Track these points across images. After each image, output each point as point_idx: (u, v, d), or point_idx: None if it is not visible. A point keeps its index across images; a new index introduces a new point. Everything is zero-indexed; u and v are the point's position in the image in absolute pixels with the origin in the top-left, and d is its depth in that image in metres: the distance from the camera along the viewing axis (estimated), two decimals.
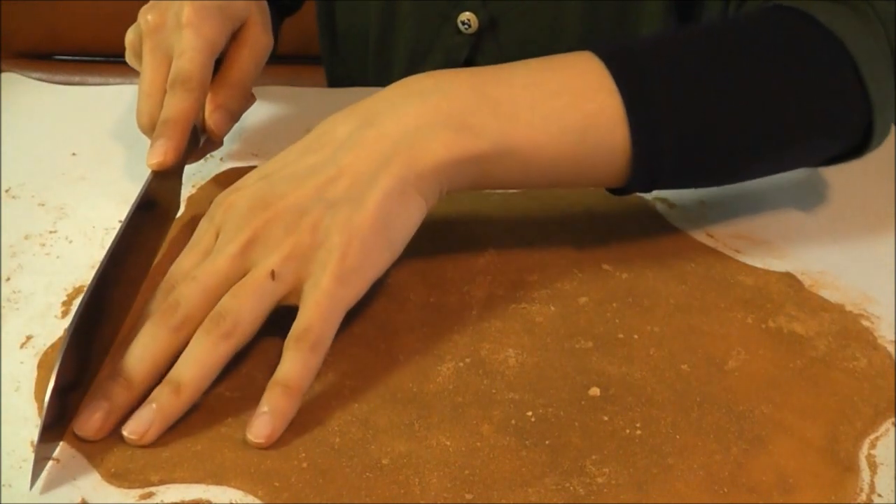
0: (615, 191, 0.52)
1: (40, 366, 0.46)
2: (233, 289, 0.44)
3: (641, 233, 0.56)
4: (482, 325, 0.48)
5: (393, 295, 0.51)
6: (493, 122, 0.47)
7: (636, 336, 0.48)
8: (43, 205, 0.58)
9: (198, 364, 0.42)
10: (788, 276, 0.53)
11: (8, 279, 0.52)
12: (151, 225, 0.51)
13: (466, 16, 0.70)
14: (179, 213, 0.56)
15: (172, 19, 0.56)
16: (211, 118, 0.57)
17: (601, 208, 0.58)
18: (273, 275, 0.44)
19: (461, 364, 0.46)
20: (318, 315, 0.43)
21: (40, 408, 0.43)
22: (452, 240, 0.55)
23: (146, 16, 0.57)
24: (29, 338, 0.48)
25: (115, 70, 1.20)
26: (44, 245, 0.55)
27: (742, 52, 0.51)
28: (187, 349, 0.43)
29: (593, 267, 0.53)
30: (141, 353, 0.43)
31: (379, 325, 0.48)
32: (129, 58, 0.59)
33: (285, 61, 0.87)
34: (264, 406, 0.42)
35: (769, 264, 0.54)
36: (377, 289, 0.51)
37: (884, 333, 0.49)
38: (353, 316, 0.49)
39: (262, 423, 0.41)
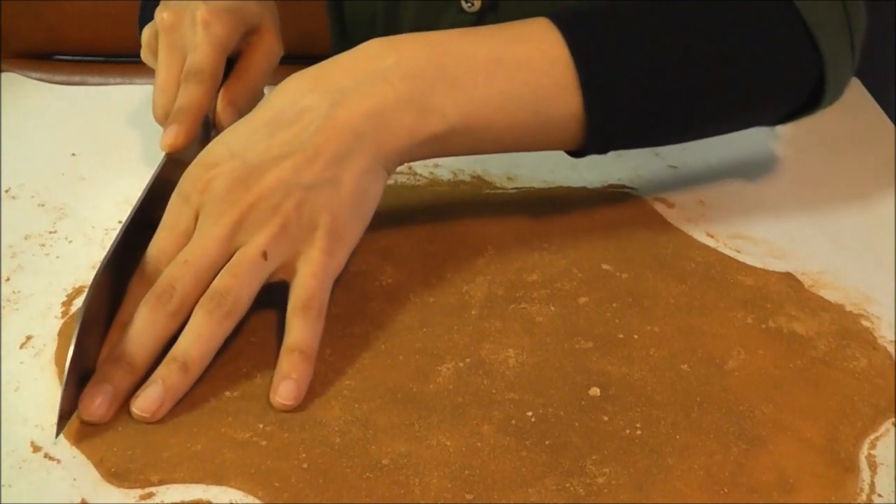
0: (571, 153, 0.55)
1: (60, 334, 0.48)
2: (229, 269, 0.45)
3: (641, 233, 0.56)
4: (482, 325, 0.48)
5: (393, 295, 0.51)
6: (450, 101, 0.49)
7: (636, 336, 0.48)
8: (43, 205, 0.58)
9: (203, 342, 0.44)
10: (788, 276, 0.53)
11: (8, 279, 0.52)
12: (164, 208, 0.52)
13: None
14: None
15: (188, 18, 0.59)
16: (222, 113, 0.59)
17: (601, 208, 0.58)
18: (265, 255, 0.46)
19: (461, 364, 0.46)
20: (317, 284, 0.46)
21: (60, 372, 0.44)
22: (452, 240, 0.55)
23: (162, 14, 0.60)
24: (29, 338, 0.48)
25: (115, 70, 1.20)
26: (43, 245, 0.55)
27: (692, 12, 0.54)
28: (190, 327, 0.44)
29: (593, 267, 0.53)
30: (140, 337, 0.44)
31: (379, 325, 0.48)
32: (145, 55, 0.62)
33: (285, 61, 0.87)
34: (287, 372, 0.44)
35: (769, 264, 0.54)
36: (377, 289, 0.51)
37: (884, 333, 0.49)
38: (353, 316, 0.49)
39: (289, 387, 0.44)
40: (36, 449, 0.41)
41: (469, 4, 0.70)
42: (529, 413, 0.43)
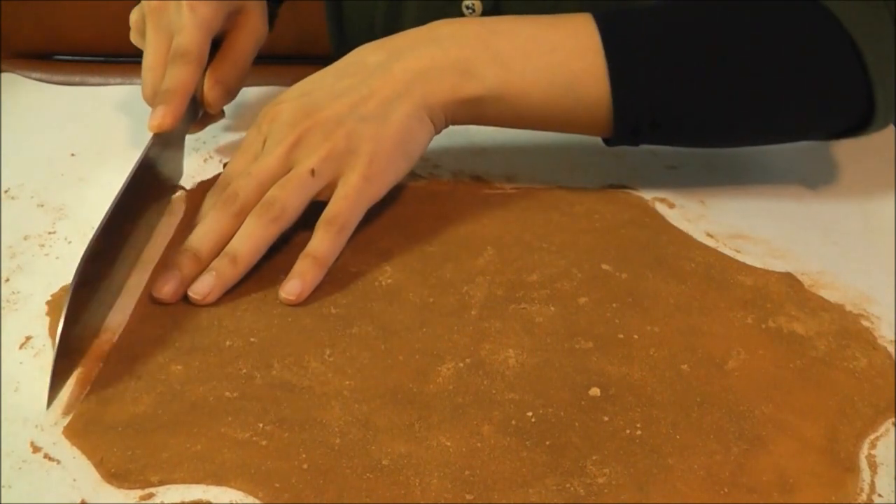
0: (606, 141, 0.59)
1: (50, 306, 0.50)
2: (279, 182, 0.52)
3: (641, 233, 0.56)
4: (482, 325, 0.48)
5: (393, 295, 0.51)
6: (491, 70, 0.55)
7: (636, 336, 0.48)
8: (42, 205, 0.58)
9: (252, 240, 0.51)
10: (788, 276, 0.53)
11: (7, 280, 0.52)
12: (154, 185, 0.56)
13: (471, 0, 0.71)
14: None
15: (173, 1, 0.60)
16: (210, 92, 0.61)
17: (601, 208, 0.58)
18: (313, 172, 0.52)
19: (461, 364, 0.46)
20: (346, 204, 0.52)
21: (53, 342, 0.45)
22: (452, 240, 0.55)
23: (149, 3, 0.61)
24: (28, 338, 0.48)
25: (115, 70, 1.20)
26: (43, 246, 0.55)
27: (730, 19, 0.56)
28: (242, 229, 0.51)
29: (593, 267, 0.53)
30: (206, 232, 0.51)
31: (379, 325, 0.48)
32: (134, 36, 0.64)
33: (286, 61, 0.87)
34: (298, 272, 0.50)
35: (769, 264, 0.54)
36: (377, 289, 0.51)
37: (884, 333, 0.49)
38: (353, 316, 0.49)
39: (294, 284, 0.50)
40: (36, 449, 0.41)
41: (470, 10, 0.70)
42: (529, 413, 0.43)
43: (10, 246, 0.54)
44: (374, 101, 0.54)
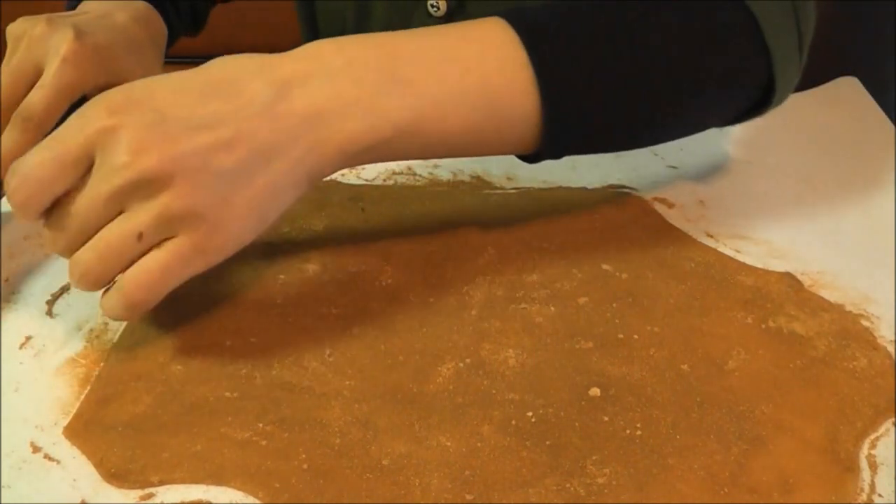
0: (525, 158, 0.53)
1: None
2: (97, 242, 0.44)
3: (641, 233, 0.56)
4: (482, 325, 0.48)
5: (393, 295, 0.51)
6: (399, 105, 0.47)
7: (636, 336, 0.48)
8: None
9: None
10: (788, 276, 0.53)
11: (7, 280, 0.52)
12: None
13: (435, 0, 0.70)
14: None
15: (54, 43, 0.56)
16: None
17: (601, 208, 0.58)
18: (140, 236, 0.43)
19: (461, 364, 0.46)
20: (158, 277, 0.44)
21: None
22: (452, 240, 0.55)
23: (35, 27, 0.57)
24: (28, 338, 0.48)
25: None
26: (42, 246, 0.55)
27: (644, 11, 0.52)
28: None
29: (593, 267, 0.53)
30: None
31: (379, 325, 0.48)
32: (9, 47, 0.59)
33: None
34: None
35: (769, 264, 0.54)
36: (377, 289, 0.51)
37: (884, 333, 0.49)
38: (353, 316, 0.49)
39: (112, 301, 0.44)
40: (36, 449, 0.41)
41: (435, 8, 0.70)
42: (529, 413, 0.43)
43: (10, 246, 0.54)
44: (243, 150, 0.44)
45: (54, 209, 0.44)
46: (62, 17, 0.59)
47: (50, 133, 0.56)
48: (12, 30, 0.58)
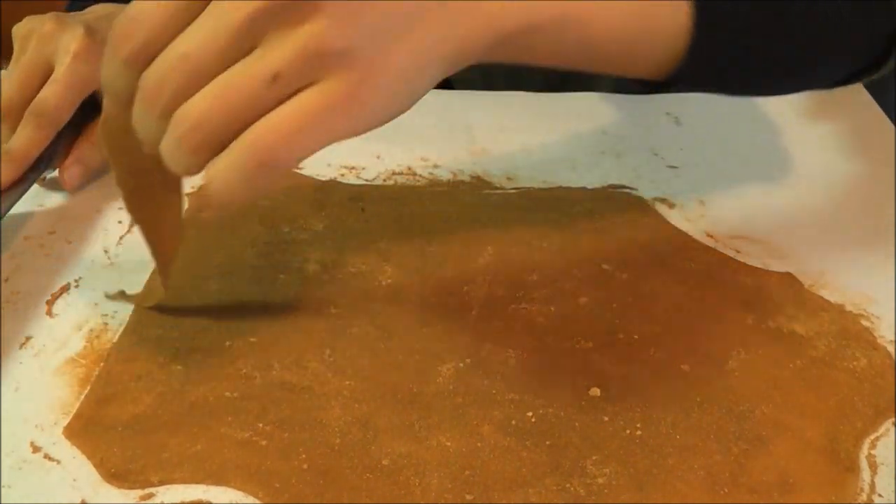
0: (653, 88, 0.50)
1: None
2: (215, 86, 0.35)
3: (641, 233, 0.56)
4: (482, 325, 0.48)
5: (393, 295, 0.51)
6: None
7: (636, 336, 0.48)
8: (42, 206, 0.58)
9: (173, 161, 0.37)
10: (788, 276, 0.53)
11: (7, 280, 0.52)
12: None
13: None
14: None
15: (64, 39, 0.56)
16: (67, 171, 0.58)
17: (601, 208, 0.58)
18: (276, 77, 0.34)
19: (461, 364, 0.46)
20: (283, 134, 0.35)
21: None
22: (452, 240, 0.55)
23: (44, 25, 0.57)
24: (28, 338, 0.48)
25: None
26: (42, 246, 0.55)
27: None
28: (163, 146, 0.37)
29: (593, 267, 0.53)
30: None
31: (379, 325, 0.48)
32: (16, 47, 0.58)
33: None
34: None
35: (769, 264, 0.54)
36: (377, 289, 0.51)
37: (884, 333, 0.49)
38: (353, 316, 0.49)
39: (233, 160, 0.35)
40: (36, 449, 0.41)
41: None
42: (529, 413, 0.43)
43: (10, 246, 0.54)
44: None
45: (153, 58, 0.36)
46: (70, 15, 0.59)
47: (63, 129, 0.56)
48: (19, 29, 0.58)
